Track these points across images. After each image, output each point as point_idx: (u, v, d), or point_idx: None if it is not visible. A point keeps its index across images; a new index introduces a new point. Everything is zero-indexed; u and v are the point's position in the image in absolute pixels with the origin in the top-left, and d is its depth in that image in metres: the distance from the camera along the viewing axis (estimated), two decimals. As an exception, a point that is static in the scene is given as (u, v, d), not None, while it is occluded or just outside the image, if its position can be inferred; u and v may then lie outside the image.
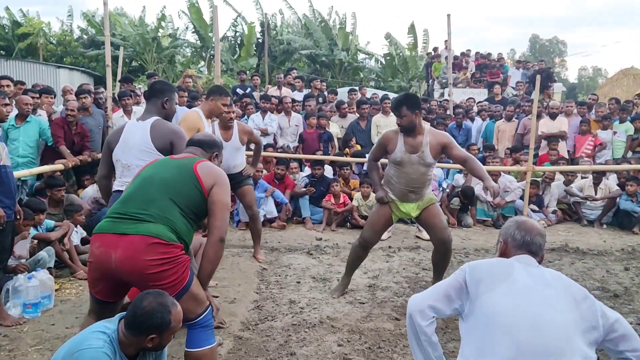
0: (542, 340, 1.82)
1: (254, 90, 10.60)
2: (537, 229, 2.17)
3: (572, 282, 2.04)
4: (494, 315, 1.89)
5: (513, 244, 2.14)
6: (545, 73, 14.10)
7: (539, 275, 2.00)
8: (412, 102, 4.00)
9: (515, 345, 1.81)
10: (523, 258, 2.08)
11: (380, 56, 23.33)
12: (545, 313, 1.87)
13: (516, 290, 1.93)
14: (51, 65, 17.69)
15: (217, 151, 3.02)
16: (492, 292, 1.93)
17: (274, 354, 3.38)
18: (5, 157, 3.91)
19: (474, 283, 2.00)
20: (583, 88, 44.03)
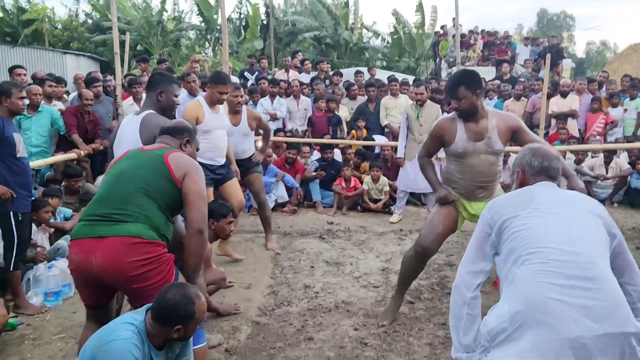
0: (574, 256, 1.82)
1: (261, 73, 10.58)
2: (554, 154, 2.17)
3: (591, 199, 2.08)
4: (524, 234, 1.90)
5: (531, 172, 2.14)
6: (555, 49, 13.98)
7: (561, 194, 2.03)
8: (471, 80, 3.38)
9: (547, 259, 1.82)
10: (542, 184, 2.09)
11: (387, 34, 23.12)
12: (575, 228, 1.88)
13: (541, 210, 1.94)
14: (57, 52, 17.64)
15: (188, 136, 2.84)
16: (517, 217, 1.94)
17: (292, 338, 3.45)
18: (22, 149, 3.97)
19: (498, 221, 1.99)
20: (592, 63, 43.51)
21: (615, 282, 1.83)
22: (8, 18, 21.44)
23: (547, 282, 1.77)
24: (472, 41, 15.39)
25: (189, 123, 3.03)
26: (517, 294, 1.81)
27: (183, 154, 2.69)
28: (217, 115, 4.70)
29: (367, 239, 5.85)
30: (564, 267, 1.79)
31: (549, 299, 1.74)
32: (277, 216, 6.79)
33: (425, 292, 4.28)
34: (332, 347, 3.34)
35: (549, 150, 2.19)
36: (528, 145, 2.25)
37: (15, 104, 3.94)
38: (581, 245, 1.85)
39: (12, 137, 3.87)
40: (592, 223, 1.94)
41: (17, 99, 3.93)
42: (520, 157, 2.19)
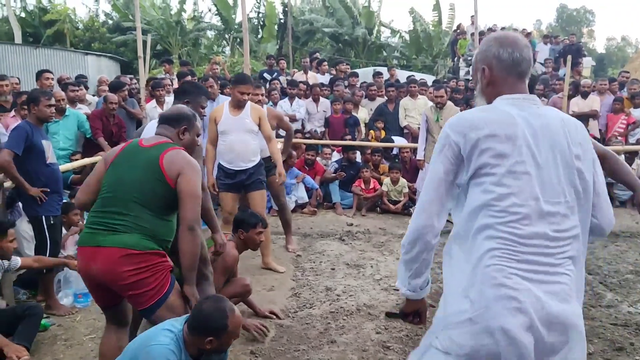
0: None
1: (280, 74, 10.66)
2: (522, 40, 1.77)
3: (569, 120, 1.76)
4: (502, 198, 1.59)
5: (500, 67, 1.73)
6: (576, 48, 13.84)
7: (543, 125, 1.66)
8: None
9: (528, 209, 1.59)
10: (517, 99, 1.71)
11: (405, 32, 23.06)
12: (557, 173, 1.64)
13: (523, 160, 1.61)
14: (79, 52, 17.93)
15: (186, 124, 2.78)
16: (491, 175, 1.61)
17: (315, 341, 3.52)
18: (52, 155, 4.10)
19: (471, 153, 1.63)
20: (612, 60, 42.89)
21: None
22: (30, 19, 21.82)
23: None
24: (490, 40, 15.30)
25: (187, 109, 2.95)
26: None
27: (179, 150, 2.65)
28: (236, 117, 4.64)
29: (387, 241, 5.90)
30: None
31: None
32: (297, 217, 6.87)
33: (446, 295, 4.32)
34: (355, 350, 3.40)
35: (515, 36, 1.79)
36: (491, 34, 1.82)
37: (43, 112, 4.04)
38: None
39: (41, 144, 3.99)
40: (579, 151, 1.69)
41: (44, 106, 4.02)
42: (484, 49, 1.76)
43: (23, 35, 19.67)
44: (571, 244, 1.64)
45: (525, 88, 1.75)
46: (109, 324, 2.80)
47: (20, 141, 3.85)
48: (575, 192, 1.66)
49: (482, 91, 1.81)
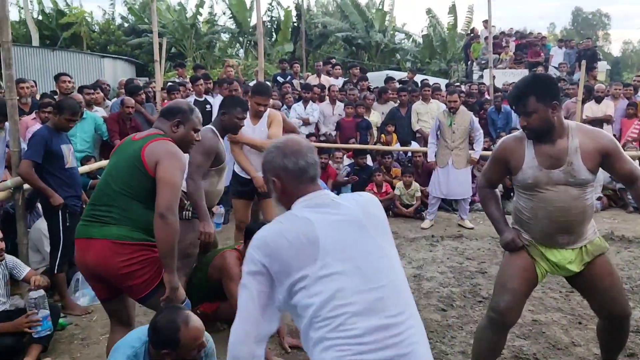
0: (384, 301, 1.57)
1: (293, 77, 10.73)
2: (305, 145, 1.75)
3: (369, 199, 1.78)
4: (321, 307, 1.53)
5: (288, 177, 1.71)
6: (591, 52, 13.76)
7: (341, 220, 1.64)
8: (544, 88, 2.56)
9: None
10: (312, 200, 1.68)
11: (418, 36, 23.06)
12: (373, 268, 1.60)
13: (329, 262, 1.56)
14: (95, 55, 18.18)
15: (180, 117, 2.78)
16: (307, 288, 1.54)
17: (327, 344, 3.55)
18: (72, 159, 4.17)
19: (284, 277, 1.58)
20: (628, 64, 42.45)
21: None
22: (47, 21, 22.15)
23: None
24: (504, 43, 15.26)
25: (186, 103, 2.99)
26: None
27: (163, 141, 2.66)
28: (255, 126, 4.67)
29: (399, 245, 5.92)
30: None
31: None
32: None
33: (458, 299, 4.34)
34: (366, 353, 3.43)
35: (297, 141, 1.76)
36: (273, 143, 1.77)
37: (62, 123, 4.09)
38: (386, 284, 1.61)
39: (60, 149, 4.05)
40: (384, 240, 1.70)
41: (65, 119, 4.07)
42: (270, 159, 1.73)
43: (40, 37, 19.97)
44: (407, 322, 1.59)
45: (318, 187, 1.73)
46: (113, 323, 2.88)
47: (40, 149, 3.91)
48: (393, 273, 1.65)
49: (278, 200, 1.78)
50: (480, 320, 3.06)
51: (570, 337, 3.62)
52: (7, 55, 3.98)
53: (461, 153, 6.63)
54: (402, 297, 1.63)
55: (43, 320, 3.21)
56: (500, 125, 9.41)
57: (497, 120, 9.46)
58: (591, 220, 2.72)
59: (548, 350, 3.46)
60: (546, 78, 2.73)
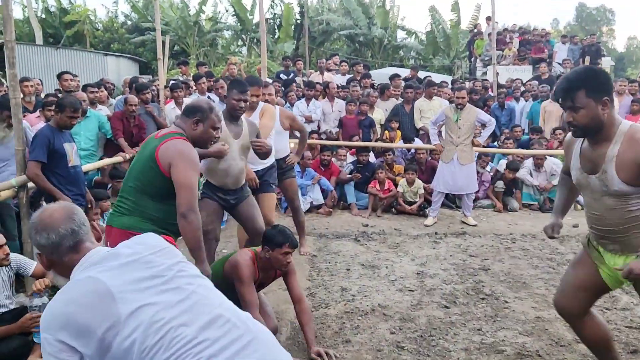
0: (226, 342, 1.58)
1: (296, 75, 10.73)
2: (57, 215, 1.72)
3: (138, 238, 1.81)
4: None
5: (47, 252, 1.71)
6: (595, 48, 13.72)
7: (129, 264, 1.64)
8: (595, 82, 2.35)
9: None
10: (87, 261, 1.67)
11: (422, 33, 23.01)
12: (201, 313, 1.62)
13: (136, 304, 1.55)
14: (99, 53, 18.20)
15: (199, 116, 2.90)
16: (121, 332, 1.51)
17: (330, 341, 3.57)
18: (75, 157, 4.19)
19: (82, 342, 1.51)
20: (632, 60, 42.25)
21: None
22: (51, 19, 22.17)
23: None
24: (507, 39, 15.22)
25: (206, 102, 3.07)
26: None
27: (177, 140, 2.80)
28: (247, 118, 4.52)
29: (402, 242, 5.93)
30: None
31: None
32: (313, 218, 6.93)
33: (461, 296, 4.35)
34: (369, 350, 3.44)
35: (50, 213, 1.73)
36: (30, 222, 1.77)
37: (64, 121, 4.12)
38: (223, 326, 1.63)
39: (63, 148, 4.07)
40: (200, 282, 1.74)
41: (67, 117, 4.10)
42: (31, 236, 1.75)
43: (43, 36, 19.99)
44: (229, 309, 1.70)
45: (88, 248, 1.71)
46: None
47: (44, 148, 3.94)
48: (195, 278, 1.73)
49: (57, 274, 1.76)
50: None
51: (573, 334, 3.61)
52: (11, 54, 3.99)
53: (466, 149, 6.64)
54: (214, 294, 1.74)
55: None
56: (503, 122, 9.42)
57: (501, 117, 9.47)
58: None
59: (551, 347, 3.46)
60: (599, 71, 2.46)
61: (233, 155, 3.97)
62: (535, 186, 7.59)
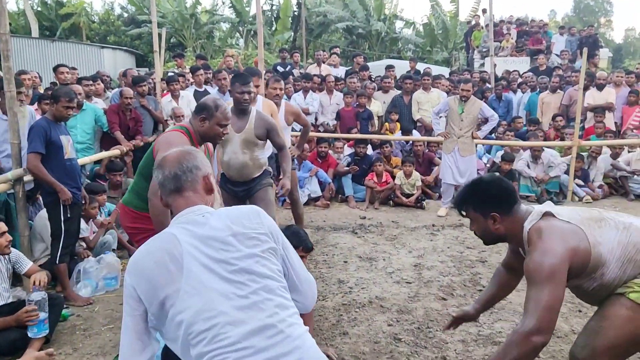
0: (258, 322, 1.56)
1: (294, 67, 10.69)
2: (173, 158, 1.80)
3: (244, 212, 1.77)
4: (189, 329, 1.54)
5: (161, 192, 1.80)
6: (592, 39, 13.69)
7: (207, 235, 1.65)
8: (480, 197, 2.35)
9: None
10: (184, 217, 1.71)
11: (420, 24, 22.92)
12: (240, 290, 1.59)
13: (196, 283, 1.56)
14: (95, 46, 18.11)
15: (205, 114, 3.09)
16: (175, 305, 1.55)
17: (328, 333, 3.58)
18: (71, 150, 4.17)
19: (153, 297, 1.57)
20: (630, 51, 42.19)
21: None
22: (47, 12, 22.04)
23: None
24: (505, 31, 15.17)
25: (212, 100, 3.19)
26: None
27: (170, 133, 3.06)
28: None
29: (400, 234, 5.94)
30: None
31: None
32: (311, 210, 6.93)
33: (458, 288, 4.35)
34: (367, 342, 3.45)
35: (177, 151, 1.83)
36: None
37: (60, 111, 4.07)
38: (260, 308, 1.59)
39: (59, 140, 4.05)
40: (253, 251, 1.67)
41: (62, 107, 4.05)
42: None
43: (39, 28, 19.89)
44: (286, 321, 1.60)
45: (191, 198, 1.75)
46: None
47: (41, 140, 3.92)
48: (262, 278, 1.64)
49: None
50: None
51: (570, 325, 3.63)
52: (5, 47, 3.96)
53: (467, 141, 6.70)
54: (277, 299, 1.63)
55: (40, 323, 3.22)
56: (501, 114, 9.40)
57: (498, 109, 9.44)
58: None
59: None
60: (489, 185, 2.36)
61: (234, 148, 4.09)
62: (533, 178, 7.59)
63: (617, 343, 2.12)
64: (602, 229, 2.17)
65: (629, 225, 2.17)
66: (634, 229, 2.16)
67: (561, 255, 2.06)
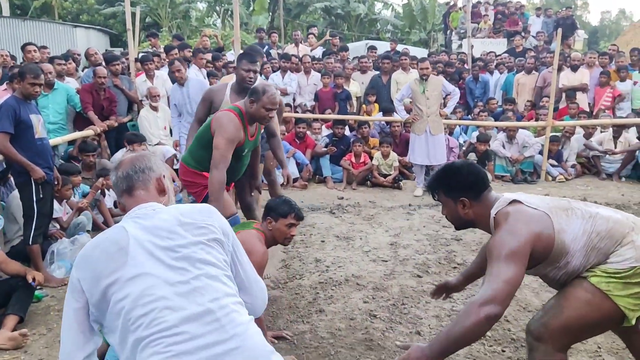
0: (199, 308, 1.56)
1: (271, 47, 10.59)
2: (127, 160, 1.83)
3: (192, 207, 1.80)
4: (134, 312, 1.53)
5: (115, 191, 1.83)
6: (569, 21, 13.79)
7: (155, 226, 1.67)
8: (450, 182, 2.39)
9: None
10: (134, 212, 1.73)
11: (398, 5, 22.84)
12: (183, 280, 1.59)
13: (139, 270, 1.57)
14: (67, 25, 17.67)
15: (254, 97, 3.52)
16: (116, 293, 1.55)
17: (304, 310, 3.61)
18: (41, 129, 4.09)
19: (90, 287, 1.58)
20: (605, 33, 42.70)
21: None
22: (17, -10, 21.41)
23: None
24: (482, 12, 15.20)
25: (262, 85, 3.60)
26: None
27: (224, 112, 3.56)
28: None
29: (376, 214, 5.98)
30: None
31: None
32: (288, 191, 6.91)
33: (433, 266, 4.42)
34: (343, 318, 3.49)
35: (130, 155, 1.87)
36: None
37: (27, 89, 3.96)
38: (202, 294, 1.59)
39: (29, 119, 3.96)
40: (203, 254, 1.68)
41: (28, 84, 3.94)
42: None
43: (10, 7, 19.31)
44: (225, 307, 1.60)
45: (141, 197, 1.78)
46: None
47: (10, 119, 3.82)
48: (205, 264, 1.65)
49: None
50: None
51: (540, 300, 3.72)
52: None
53: (436, 119, 6.77)
54: (219, 286, 1.63)
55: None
56: (478, 95, 9.47)
57: (475, 90, 9.52)
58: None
59: (519, 312, 3.56)
60: (459, 170, 2.39)
61: None
62: (508, 158, 7.69)
63: (570, 323, 2.16)
64: (569, 217, 2.20)
65: (595, 215, 2.21)
66: (599, 217, 2.20)
67: (525, 237, 2.09)
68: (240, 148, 3.63)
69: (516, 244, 2.08)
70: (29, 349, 3.21)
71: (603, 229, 2.17)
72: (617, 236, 2.15)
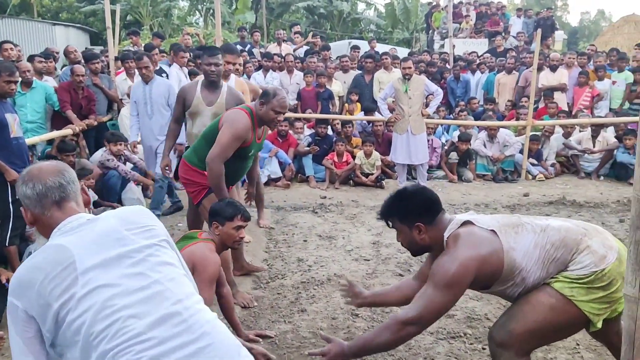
0: (163, 305, 1.54)
1: (253, 46, 10.56)
2: (49, 169, 1.68)
3: (127, 209, 1.77)
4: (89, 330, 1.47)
5: (33, 205, 1.64)
6: (549, 22, 13.98)
7: (100, 234, 1.60)
8: (404, 209, 2.37)
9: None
10: (66, 226, 1.63)
11: (381, 5, 22.92)
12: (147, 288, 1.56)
13: (93, 284, 1.51)
14: (47, 23, 17.41)
15: (264, 99, 3.57)
16: (72, 310, 1.48)
17: (286, 310, 3.60)
18: (17, 128, 3.99)
19: (40, 312, 1.50)
20: (584, 33, 43.29)
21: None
22: (-5, -13, 21.04)
23: None
24: (464, 12, 15.32)
25: (273, 88, 3.68)
26: None
27: (234, 110, 3.63)
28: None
29: (359, 213, 5.99)
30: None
31: None
32: (271, 191, 6.91)
33: (415, 264, 4.43)
34: (325, 318, 3.49)
35: (40, 166, 1.70)
36: (22, 173, 1.71)
37: (2, 87, 3.81)
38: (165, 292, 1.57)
39: (4, 118, 3.86)
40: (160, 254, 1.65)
41: (4, 81, 3.82)
42: (18, 191, 1.69)
43: (-13, 4, 18.99)
44: (191, 308, 1.58)
45: (73, 209, 1.66)
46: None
47: None
48: (163, 266, 1.63)
49: (40, 233, 1.74)
50: None
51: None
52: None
53: (418, 119, 6.79)
54: (180, 287, 1.62)
55: None
56: (459, 94, 9.54)
57: (456, 89, 9.58)
58: None
59: (500, 310, 3.58)
60: (412, 196, 2.39)
61: (204, 121, 4.23)
62: (489, 157, 7.76)
63: (535, 328, 2.18)
64: (518, 234, 2.22)
65: (545, 227, 2.24)
66: (550, 229, 2.23)
67: (468, 266, 2.12)
68: (247, 148, 3.63)
69: (456, 273, 2.12)
70: (7, 351, 3.15)
71: (556, 239, 2.21)
72: (571, 244, 2.19)
